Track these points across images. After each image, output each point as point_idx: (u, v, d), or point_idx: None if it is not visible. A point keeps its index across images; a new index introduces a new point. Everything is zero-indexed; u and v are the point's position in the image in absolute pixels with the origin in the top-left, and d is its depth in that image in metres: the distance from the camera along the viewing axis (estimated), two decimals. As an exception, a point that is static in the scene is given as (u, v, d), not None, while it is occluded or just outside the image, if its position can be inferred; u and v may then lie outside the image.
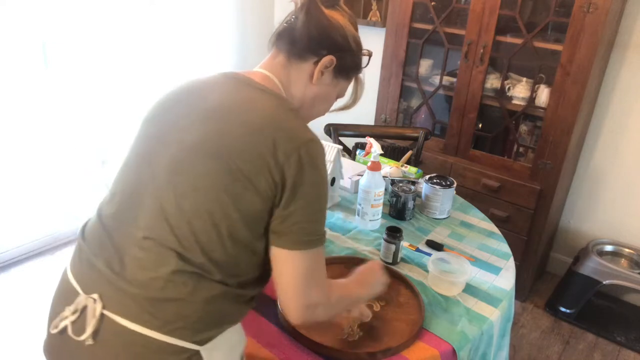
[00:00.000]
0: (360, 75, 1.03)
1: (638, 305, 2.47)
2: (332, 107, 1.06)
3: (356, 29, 0.98)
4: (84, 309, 0.81)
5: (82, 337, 0.79)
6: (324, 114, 1.04)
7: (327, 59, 0.93)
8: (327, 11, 0.93)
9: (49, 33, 2.24)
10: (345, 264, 1.27)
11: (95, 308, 0.79)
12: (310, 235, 0.82)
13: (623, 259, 2.43)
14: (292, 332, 1.04)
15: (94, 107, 2.47)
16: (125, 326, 0.78)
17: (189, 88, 0.92)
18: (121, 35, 2.47)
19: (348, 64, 0.97)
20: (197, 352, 0.80)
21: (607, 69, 2.30)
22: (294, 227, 0.81)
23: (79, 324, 0.81)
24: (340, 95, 1.03)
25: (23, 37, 2.19)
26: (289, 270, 0.82)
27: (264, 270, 0.88)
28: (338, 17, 0.94)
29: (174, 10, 2.69)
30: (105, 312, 0.79)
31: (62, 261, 2.48)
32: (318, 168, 0.82)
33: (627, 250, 2.42)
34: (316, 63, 0.93)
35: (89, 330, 0.78)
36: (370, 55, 1.01)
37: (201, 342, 0.80)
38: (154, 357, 0.78)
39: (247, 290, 0.86)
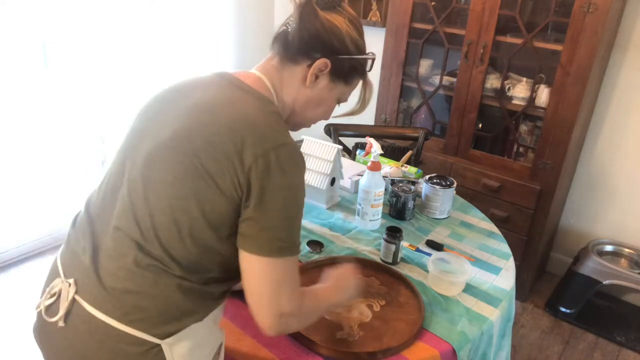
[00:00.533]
0: (369, 80, 1.00)
1: (638, 305, 2.47)
2: (339, 112, 1.04)
3: (359, 31, 0.94)
4: (60, 292, 0.84)
5: (54, 319, 0.82)
6: (325, 119, 1.02)
7: (321, 63, 0.90)
8: (324, 13, 0.90)
9: (49, 33, 2.24)
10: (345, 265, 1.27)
11: (69, 292, 0.83)
12: (279, 242, 0.80)
13: (623, 259, 2.43)
14: (292, 332, 1.04)
15: (93, 107, 2.47)
16: (91, 313, 0.80)
17: (179, 86, 0.94)
18: (121, 35, 2.47)
19: (346, 67, 0.93)
20: (158, 346, 0.80)
21: (607, 69, 2.30)
22: (262, 233, 0.79)
23: (55, 307, 0.85)
24: (342, 99, 1.00)
25: (23, 37, 2.19)
26: (257, 277, 0.81)
27: (232, 270, 0.86)
28: (337, 19, 0.91)
29: (174, 10, 2.69)
30: (77, 297, 0.82)
31: (62, 261, 2.48)
32: (288, 173, 0.80)
33: (627, 250, 2.42)
34: (309, 66, 0.91)
35: (61, 312, 0.82)
36: (373, 58, 0.97)
37: (162, 336, 0.81)
38: (116, 346, 0.79)
39: (212, 288, 0.87)
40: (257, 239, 0.80)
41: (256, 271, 0.81)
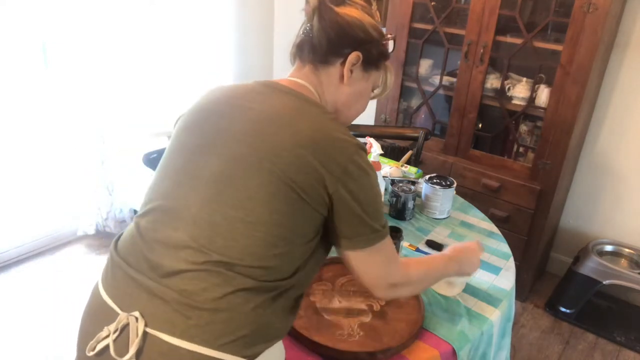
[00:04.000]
0: (389, 63, 1.02)
1: (638, 305, 2.47)
2: None
3: (374, 16, 0.97)
4: (124, 327, 0.77)
5: (125, 358, 0.75)
6: (364, 110, 1.05)
7: (353, 56, 0.92)
8: (338, 9, 0.92)
9: (49, 33, 2.24)
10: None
11: (138, 327, 0.76)
12: (377, 231, 0.85)
13: (623, 259, 2.43)
14: (292, 332, 1.04)
15: (93, 107, 2.47)
16: (171, 343, 0.74)
17: (228, 98, 0.90)
18: (121, 36, 2.47)
19: (375, 54, 0.96)
20: None
21: (607, 69, 2.30)
22: (363, 229, 0.84)
23: (120, 344, 0.77)
24: (376, 86, 1.03)
25: (23, 37, 2.19)
26: (369, 266, 0.88)
27: (308, 274, 0.88)
28: (351, 11, 0.93)
29: (174, 10, 2.69)
30: (149, 330, 0.76)
31: (62, 261, 2.48)
32: (369, 172, 0.84)
33: (627, 250, 2.42)
34: (343, 63, 0.93)
35: (132, 350, 0.75)
36: (394, 39, 1.00)
37: (252, 357, 0.78)
38: None
39: (296, 300, 0.87)
40: (362, 236, 0.85)
41: (367, 262, 0.88)
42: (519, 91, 2.27)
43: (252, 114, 0.85)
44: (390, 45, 0.99)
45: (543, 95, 2.19)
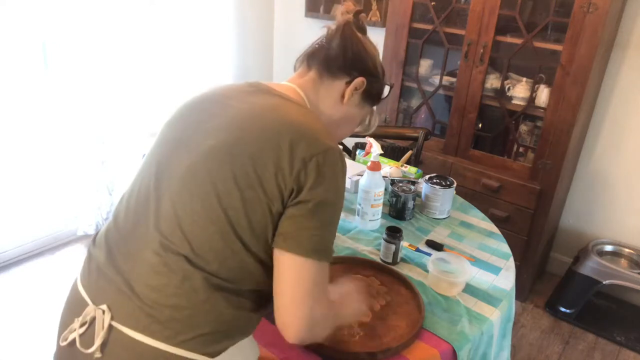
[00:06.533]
0: (375, 108, 1.07)
1: (638, 305, 2.47)
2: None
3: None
4: (93, 320, 0.79)
5: (90, 350, 0.77)
6: (346, 137, 1.06)
7: (359, 81, 0.96)
8: (361, 36, 0.97)
9: (49, 33, 2.24)
10: (345, 264, 1.27)
11: (104, 319, 0.78)
12: (319, 244, 0.79)
13: (623, 259, 2.43)
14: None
15: (93, 107, 2.47)
16: (133, 338, 0.76)
17: (214, 95, 0.92)
18: (121, 36, 2.47)
19: (375, 90, 1.00)
20: None
21: (607, 69, 2.30)
22: (304, 232, 0.78)
23: (88, 336, 0.79)
24: (363, 121, 1.07)
25: (23, 37, 2.19)
26: (293, 278, 0.78)
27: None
28: (370, 44, 0.99)
29: (174, 10, 2.69)
30: (114, 323, 0.78)
31: (62, 261, 2.48)
32: (335, 178, 0.80)
33: (627, 250, 2.42)
34: (348, 83, 0.96)
35: (97, 342, 0.77)
36: (391, 86, 1.05)
37: (213, 354, 0.78)
38: None
39: (258, 300, 0.85)
40: (297, 238, 0.78)
41: (291, 271, 0.78)
42: (519, 91, 2.27)
43: (231, 111, 0.86)
44: (386, 90, 1.03)
45: (543, 95, 2.19)
